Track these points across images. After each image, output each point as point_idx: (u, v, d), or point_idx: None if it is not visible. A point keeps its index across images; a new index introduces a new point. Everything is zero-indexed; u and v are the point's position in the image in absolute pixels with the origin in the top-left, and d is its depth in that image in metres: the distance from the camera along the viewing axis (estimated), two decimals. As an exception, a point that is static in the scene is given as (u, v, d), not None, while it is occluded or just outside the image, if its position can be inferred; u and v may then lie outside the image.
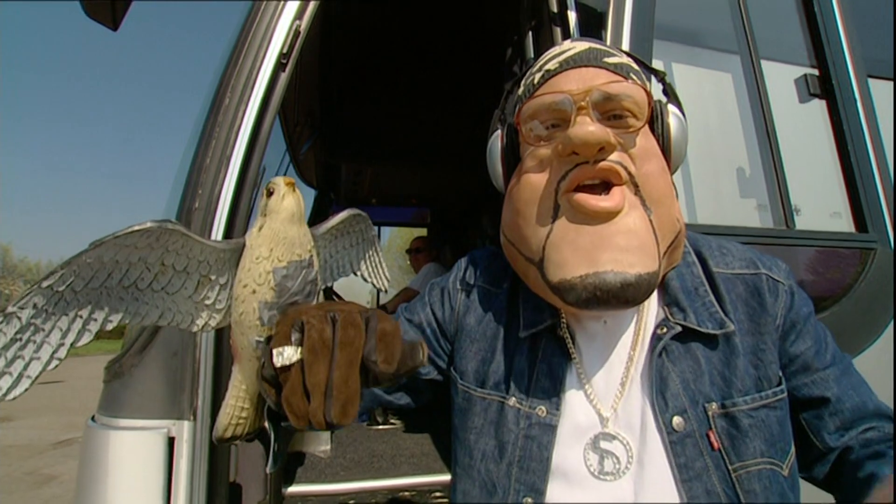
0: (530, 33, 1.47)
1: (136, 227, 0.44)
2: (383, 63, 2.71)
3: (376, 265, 0.70)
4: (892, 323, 1.10)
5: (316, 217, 3.58)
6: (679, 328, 0.54)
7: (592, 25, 1.24)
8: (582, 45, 0.56)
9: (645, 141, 0.53)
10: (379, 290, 4.77)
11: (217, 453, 0.92)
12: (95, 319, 0.45)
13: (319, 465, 1.55)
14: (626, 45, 1.11)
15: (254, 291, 0.48)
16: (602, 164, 0.50)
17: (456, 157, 3.03)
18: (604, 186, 0.51)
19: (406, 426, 2.25)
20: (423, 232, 4.41)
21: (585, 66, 0.54)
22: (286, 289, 0.48)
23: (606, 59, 0.55)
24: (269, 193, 0.50)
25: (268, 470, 0.52)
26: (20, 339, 0.40)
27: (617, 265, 0.47)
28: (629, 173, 0.51)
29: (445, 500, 1.44)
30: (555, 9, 1.28)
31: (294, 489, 1.35)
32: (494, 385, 0.59)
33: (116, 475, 0.83)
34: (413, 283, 2.99)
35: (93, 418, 0.90)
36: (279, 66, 1.04)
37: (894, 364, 1.08)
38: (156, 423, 0.87)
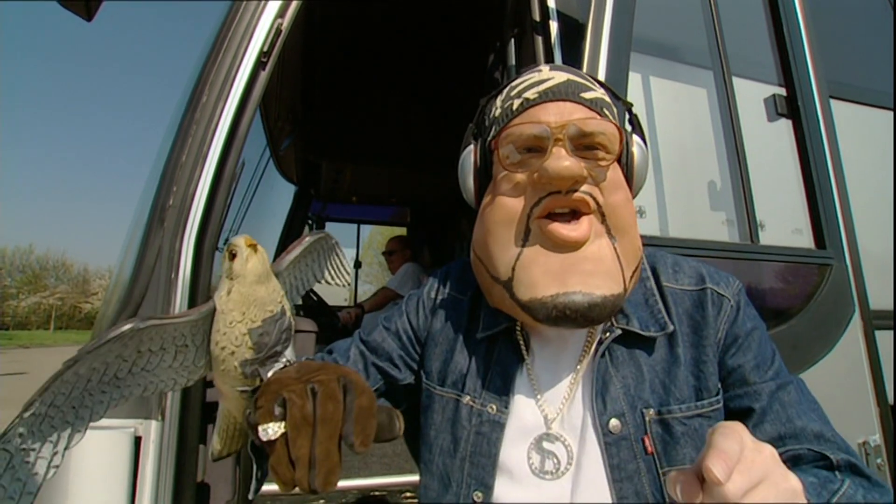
0: (513, 41, 1.49)
1: (112, 335, 0.44)
2: (366, 63, 2.70)
3: (338, 266, 0.72)
4: (842, 337, 1.16)
5: (295, 212, 3.55)
6: (619, 331, 0.57)
7: (573, 36, 1.26)
8: (561, 77, 0.59)
9: (613, 173, 0.56)
10: (356, 287, 4.74)
11: (185, 453, 0.91)
12: (83, 419, 0.46)
13: (290, 465, 1.54)
14: (603, 57, 1.14)
15: (233, 353, 0.50)
16: (574, 194, 0.53)
17: (436, 158, 3.04)
18: (573, 214, 0.54)
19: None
20: (402, 231, 4.41)
21: (563, 99, 0.57)
22: (264, 345, 0.50)
23: (583, 94, 0.58)
24: (233, 256, 0.50)
25: (251, 496, 0.56)
26: (14, 466, 0.41)
27: (585, 286, 0.51)
28: (597, 203, 0.54)
29: (415, 500, 1.45)
30: (537, 18, 1.31)
31: (263, 488, 1.35)
32: (452, 384, 0.63)
33: (79, 475, 0.81)
34: (391, 283, 2.99)
35: (56, 416, 0.88)
36: (259, 65, 1.03)
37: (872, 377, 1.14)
38: (122, 422, 0.85)
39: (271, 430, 0.43)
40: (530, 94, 0.58)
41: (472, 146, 0.64)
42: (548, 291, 0.52)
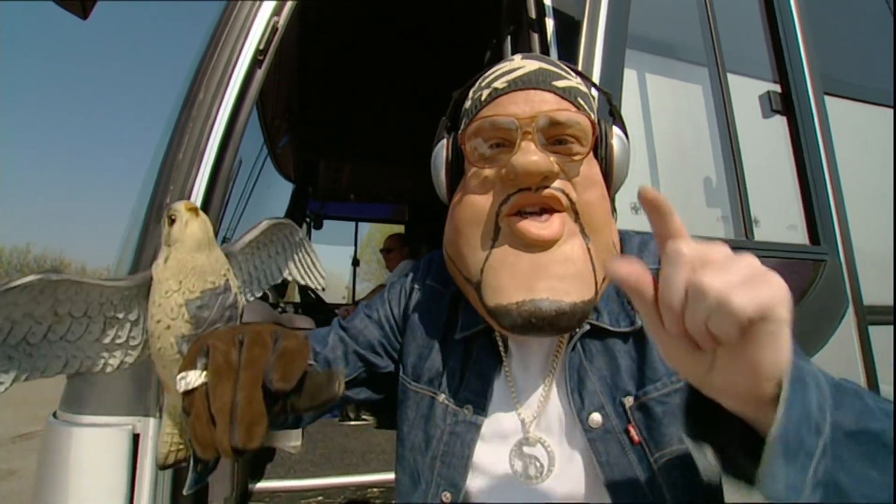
0: (509, 38, 1.49)
1: (13, 284, 0.39)
2: (362, 60, 2.69)
3: (309, 266, 0.68)
4: (836, 332, 1.17)
5: (293, 210, 3.55)
6: (588, 327, 0.55)
7: (568, 33, 1.27)
8: (532, 65, 0.56)
9: (587, 168, 0.53)
10: (353, 285, 4.73)
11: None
12: None
13: (288, 461, 1.55)
14: (599, 54, 1.14)
15: (168, 327, 0.45)
16: (544, 191, 0.51)
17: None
18: (544, 212, 0.52)
19: (378, 422, 2.25)
20: (400, 229, 4.42)
21: (534, 88, 0.54)
22: (203, 319, 0.46)
23: (555, 83, 0.55)
24: (172, 221, 0.47)
25: (184, 491, 0.50)
26: None
27: (553, 293, 0.48)
28: (570, 200, 0.51)
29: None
30: (533, 15, 1.31)
31: (262, 485, 1.35)
32: (428, 381, 0.62)
33: (78, 472, 0.81)
34: (389, 280, 2.99)
35: (54, 414, 0.88)
36: (255, 63, 1.03)
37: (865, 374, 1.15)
38: (120, 419, 0.85)
39: (191, 377, 0.38)
40: (499, 84, 0.55)
41: (444, 140, 0.62)
42: (513, 298, 0.49)
